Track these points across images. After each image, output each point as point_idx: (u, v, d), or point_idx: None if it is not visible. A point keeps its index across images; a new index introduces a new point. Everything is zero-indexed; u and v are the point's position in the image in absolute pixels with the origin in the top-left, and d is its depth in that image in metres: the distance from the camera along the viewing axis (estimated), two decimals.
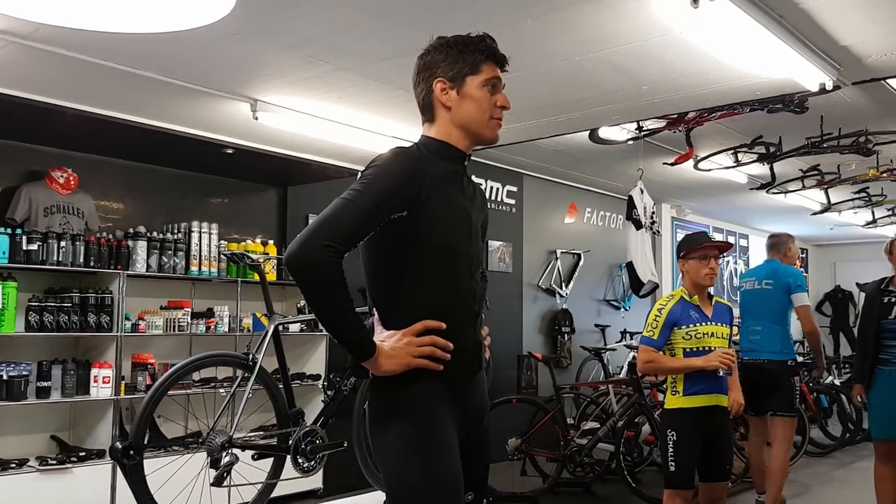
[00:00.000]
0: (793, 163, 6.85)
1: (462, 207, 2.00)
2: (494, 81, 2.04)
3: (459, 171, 2.05)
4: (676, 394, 3.69)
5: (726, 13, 3.29)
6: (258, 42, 3.89)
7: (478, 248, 2.07)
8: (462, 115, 2.02)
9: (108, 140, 5.47)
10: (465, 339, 1.98)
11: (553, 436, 5.76)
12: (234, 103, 4.81)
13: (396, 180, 1.88)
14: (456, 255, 1.96)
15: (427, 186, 1.90)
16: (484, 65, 2.02)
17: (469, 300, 2.02)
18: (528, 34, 3.77)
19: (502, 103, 2.06)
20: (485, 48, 2.03)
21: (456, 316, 1.96)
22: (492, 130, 2.06)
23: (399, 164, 1.90)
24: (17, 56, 3.98)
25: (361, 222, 1.84)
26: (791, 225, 11.66)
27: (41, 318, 4.95)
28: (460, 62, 2.01)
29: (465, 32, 2.07)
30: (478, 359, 2.06)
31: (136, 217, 5.84)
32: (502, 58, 2.07)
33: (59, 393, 5.06)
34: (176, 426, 5.51)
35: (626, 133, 6.11)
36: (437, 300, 1.94)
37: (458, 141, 2.04)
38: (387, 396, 1.95)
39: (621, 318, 9.04)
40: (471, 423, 2.03)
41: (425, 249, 1.92)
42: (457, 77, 2.01)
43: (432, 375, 1.91)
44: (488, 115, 2.03)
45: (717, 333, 3.69)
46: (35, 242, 4.93)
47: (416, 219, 1.89)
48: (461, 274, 1.98)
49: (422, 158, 1.95)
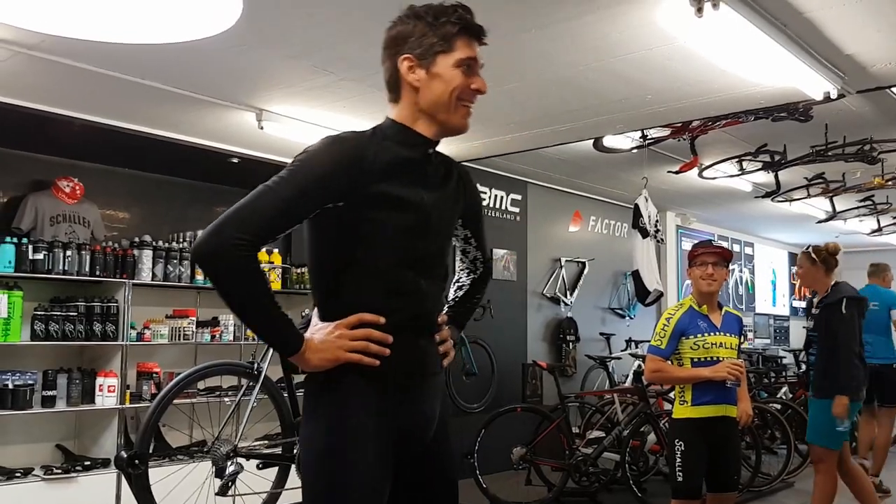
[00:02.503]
0: (798, 171, 6.83)
1: (415, 199, 1.78)
2: (470, 62, 1.80)
3: (419, 159, 1.82)
4: (684, 403, 3.67)
5: (730, 22, 3.29)
6: (264, 52, 3.90)
7: (438, 242, 1.87)
8: (429, 97, 1.79)
9: (114, 150, 5.49)
10: (407, 342, 1.77)
11: (558, 445, 5.74)
12: (239, 113, 4.83)
13: (326, 168, 1.69)
14: (399, 250, 1.76)
15: (368, 175, 1.71)
16: (458, 40, 1.78)
17: (416, 301, 1.80)
18: (532, 43, 3.78)
19: (478, 86, 1.82)
20: (459, 19, 1.78)
21: (397, 314, 1.75)
22: (460, 118, 1.83)
23: (332, 152, 1.72)
24: (24, 66, 4.01)
25: (280, 212, 1.66)
26: (796, 233, 11.64)
27: (47, 327, 4.96)
28: (430, 36, 1.77)
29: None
30: (421, 365, 1.83)
31: (142, 226, 5.85)
32: (479, 30, 1.82)
33: (64, 402, 5.06)
34: (181, 435, 5.51)
35: (630, 141, 6.11)
36: (375, 299, 1.75)
37: (423, 127, 1.82)
38: (310, 391, 1.79)
39: (626, 326, 9.02)
40: (415, 432, 1.82)
41: (363, 243, 1.74)
42: (426, 54, 1.77)
43: (364, 376, 1.72)
44: (457, 100, 1.80)
45: (726, 344, 3.67)
46: (41, 252, 4.94)
47: (354, 210, 1.72)
48: (405, 270, 1.77)
49: (364, 145, 1.75)
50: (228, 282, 1.65)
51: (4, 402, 4.75)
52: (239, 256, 1.63)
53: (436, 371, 1.88)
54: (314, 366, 1.72)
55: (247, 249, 1.63)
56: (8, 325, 4.76)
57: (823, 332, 4.40)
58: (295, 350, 1.70)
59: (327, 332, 1.73)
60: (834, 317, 4.34)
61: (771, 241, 12.57)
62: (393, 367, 1.75)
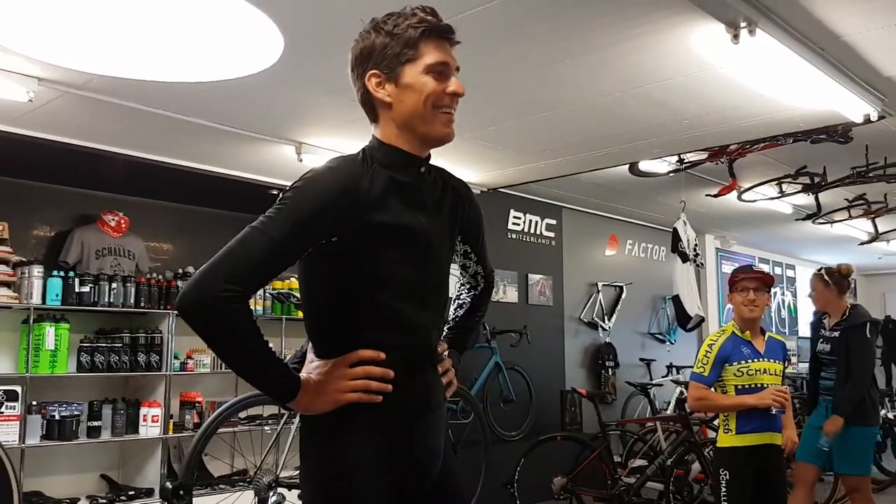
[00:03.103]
0: (838, 192, 6.74)
1: (412, 224, 1.67)
2: (440, 67, 1.66)
3: (411, 181, 1.71)
4: (729, 432, 3.62)
5: (767, 48, 3.29)
6: (303, 88, 3.98)
7: (438, 268, 1.76)
8: (404, 110, 1.66)
9: (157, 184, 5.62)
10: (408, 376, 1.67)
11: (600, 474, 5.67)
12: (279, 146, 4.91)
13: (315, 205, 1.56)
14: (398, 284, 1.65)
15: (362, 206, 1.60)
16: (423, 45, 1.65)
17: (416, 334, 1.70)
18: (566, 73, 3.80)
19: (453, 89, 1.68)
20: (420, 22, 1.65)
21: (398, 350, 1.66)
22: (441, 126, 1.69)
23: (321, 186, 1.59)
24: (72, 106, 4.13)
25: (271, 256, 1.54)
26: (839, 255, 11.42)
27: (92, 358, 5.06)
28: (393, 46, 1.64)
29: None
30: (426, 399, 1.73)
31: (185, 258, 5.97)
32: (445, 29, 1.68)
33: (109, 432, 5.15)
34: (222, 464, 5.56)
35: (667, 165, 6.08)
36: (375, 333, 1.65)
37: (405, 143, 1.70)
38: (311, 429, 1.68)
39: (667, 351, 8.90)
40: (415, 470, 1.72)
41: (360, 278, 1.63)
42: (392, 66, 1.65)
43: (368, 413, 1.62)
44: (433, 107, 1.66)
45: (770, 370, 3.61)
46: (87, 284, 5.06)
47: (348, 244, 1.60)
48: (404, 304, 1.66)
49: (357, 173, 1.63)
50: (217, 336, 1.53)
51: (52, 432, 4.84)
52: (228, 309, 1.50)
53: (440, 403, 1.79)
54: (312, 411, 1.64)
55: (237, 301, 1.51)
56: (55, 356, 4.87)
57: (845, 356, 4.34)
58: (291, 397, 1.60)
59: (324, 371, 1.63)
60: (858, 341, 4.30)
61: (813, 264, 12.34)
62: (397, 403, 1.65)
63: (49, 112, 4.19)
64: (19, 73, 3.72)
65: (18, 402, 4.62)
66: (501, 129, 4.76)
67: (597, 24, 3.26)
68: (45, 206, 5.45)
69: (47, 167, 5.16)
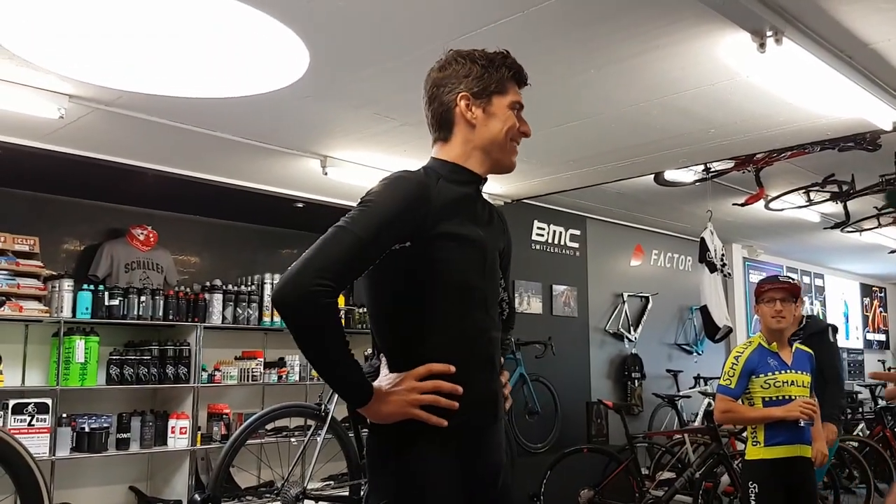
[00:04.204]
0: (867, 200, 6.65)
1: (475, 237, 1.77)
2: (519, 106, 1.88)
3: (473, 195, 1.84)
4: (757, 444, 3.57)
5: (794, 56, 3.26)
6: (328, 103, 4.01)
7: (494, 281, 1.84)
8: (486, 135, 1.83)
9: (185, 198, 5.69)
10: (477, 387, 1.73)
11: (627, 487, 5.61)
12: (304, 160, 4.95)
13: (397, 206, 1.67)
14: (466, 290, 1.74)
15: (433, 214, 1.70)
16: (510, 84, 1.86)
17: (483, 342, 1.78)
18: (591, 84, 3.80)
19: (525, 130, 1.89)
20: (511, 65, 1.86)
21: (467, 360, 1.72)
22: (511, 156, 1.89)
23: (400, 189, 1.70)
24: (102, 122, 4.20)
25: (359, 253, 1.62)
26: (867, 263, 11.27)
27: (121, 370, 5.12)
28: (486, 78, 1.82)
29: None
30: (493, 409, 1.79)
31: (213, 270, 6.03)
32: (526, 78, 1.91)
33: (137, 444, 5.20)
34: (248, 475, 5.59)
35: (693, 174, 6.05)
36: (445, 342, 1.71)
37: (475, 164, 1.85)
38: (382, 443, 1.73)
39: (694, 362, 8.81)
40: (483, 483, 1.77)
41: (430, 284, 1.71)
42: (483, 94, 1.82)
43: (435, 428, 1.67)
44: (511, 140, 1.87)
45: (798, 382, 3.56)
46: (116, 298, 5.13)
47: (420, 250, 1.69)
48: (473, 312, 1.75)
49: (427, 184, 1.74)
50: (314, 335, 1.60)
51: (81, 445, 4.90)
52: (321, 304, 1.57)
53: (503, 416, 1.85)
54: (381, 418, 1.68)
55: (329, 295, 1.57)
56: (85, 369, 4.94)
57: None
58: (363, 402, 1.66)
59: (395, 383, 1.68)
60: (825, 346, 4.30)
61: (842, 273, 12.19)
62: (466, 416, 1.69)
63: (79, 128, 4.26)
64: (51, 90, 3.79)
65: (49, 415, 4.68)
66: (526, 140, 4.75)
67: (622, 35, 3.26)
68: (76, 220, 5.54)
69: (77, 182, 5.25)
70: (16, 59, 3.42)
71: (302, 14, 3.03)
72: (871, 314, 12.71)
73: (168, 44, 3.26)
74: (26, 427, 4.57)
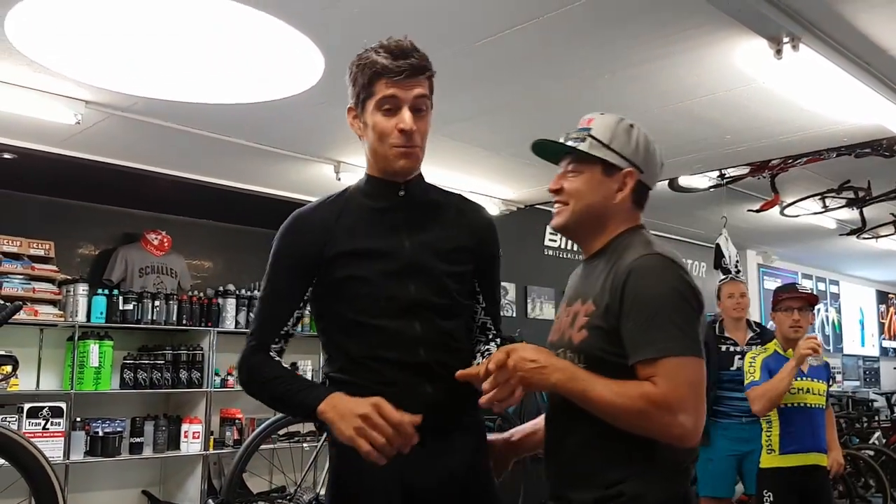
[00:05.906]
0: (884, 207, 6.60)
1: (391, 249, 1.70)
2: (387, 103, 1.64)
3: (388, 206, 1.74)
4: (772, 452, 3.54)
5: (811, 63, 3.24)
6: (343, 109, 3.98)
7: (432, 284, 1.70)
8: (369, 146, 1.72)
9: (199, 203, 5.71)
10: (404, 396, 1.59)
11: None
12: (318, 165, 4.96)
13: (283, 246, 1.75)
14: (381, 303, 1.67)
15: (332, 238, 1.70)
16: (376, 83, 1.65)
17: (406, 349, 1.67)
18: (605, 89, 3.79)
19: (400, 126, 1.64)
20: (372, 63, 1.64)
21: (389, 369, 1.66)
22: (395, 159, 1.68)
23: (284, 230, 1.78)
24: (117, 127, 4.22)
25: (272, 304, 1.75)
26: (884, 270, 11.17)
27: (135, 375, 5.14)
28: (357, 85, 1.69)
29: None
30: (431, 418, 1.59)
31: (226, 275, 6.04)
32: (397, 67, 1.63)
33: (150, 448, 5.21)
34: (260, 481, 5.59)
35: (707, 180, 6.01)
36: (365, 352, 1.68)
37: (380, 173, 1.75)
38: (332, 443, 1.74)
39: None
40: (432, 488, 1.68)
41: (345, 301, 1.70)
42: (359, 103, 1.70)
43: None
44: (387, 143, 1.67)
45: (814, 389, 3.53)
46: (130, 302, 5.15)
47: (330, 273, 1.70)
48: (392, 323, 1.67)
49: (324, 209, 1.75)
50: (246, 386, 1.76)
51: (95, 449, 4.91)
52: (249, 363, 1.73)
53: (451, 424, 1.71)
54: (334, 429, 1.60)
55: (254, 351, 1.73)
56: (99, 373, 4.96)
57: None
58: (315, 418, 1.63)
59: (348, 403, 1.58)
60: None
61: (858, 279, 12.09)
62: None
63: (95, 134, 4.28)
64: (68, 96, 3.81)
65: (63, 419, 4.70)
66: None
67: (637, 41, 3.25)
68: (90, 225, 5.56)
69: (92, 187, 5.27)
70: (33, 66, 3.45)
71: (317, 21, 3.04)
72: (888, 321, 12.60)
73: (183, 50, 3.28)
74: (41, 431, 4.58)
